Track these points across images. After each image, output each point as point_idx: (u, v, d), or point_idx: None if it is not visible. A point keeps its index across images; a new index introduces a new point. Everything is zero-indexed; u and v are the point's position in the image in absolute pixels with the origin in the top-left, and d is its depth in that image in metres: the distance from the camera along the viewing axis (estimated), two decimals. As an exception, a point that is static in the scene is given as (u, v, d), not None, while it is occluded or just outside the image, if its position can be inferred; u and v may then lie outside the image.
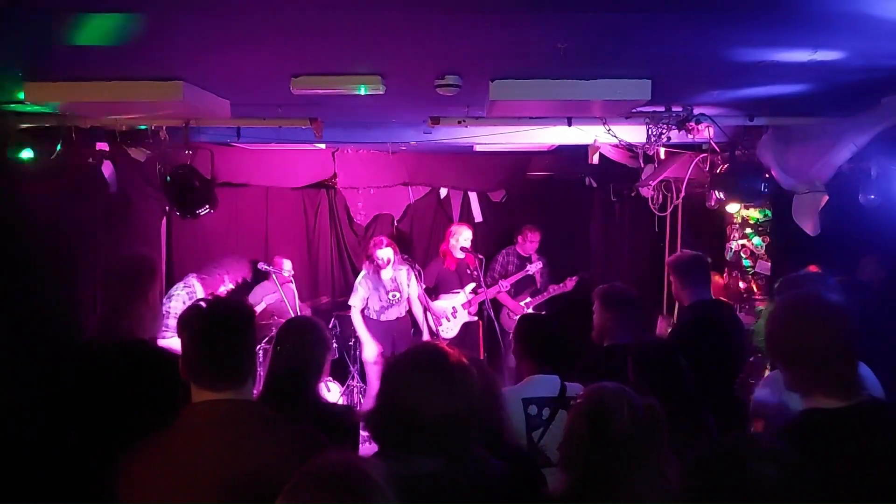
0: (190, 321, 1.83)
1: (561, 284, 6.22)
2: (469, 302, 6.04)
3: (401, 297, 5.73)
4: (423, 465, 1.62)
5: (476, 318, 6.15)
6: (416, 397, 1.63)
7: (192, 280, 5.10)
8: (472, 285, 6.01)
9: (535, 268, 6.21)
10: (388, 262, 5.62)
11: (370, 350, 5.67)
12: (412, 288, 5.77)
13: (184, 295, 4.89)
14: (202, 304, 1.87)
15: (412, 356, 1.76)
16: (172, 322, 4.20)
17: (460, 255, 5.93)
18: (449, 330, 6.00)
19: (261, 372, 3.44)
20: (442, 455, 1.64)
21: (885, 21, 2.27)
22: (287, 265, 6.07)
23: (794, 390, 1.92)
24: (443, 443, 1.64)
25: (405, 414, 1.64)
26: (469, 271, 6.01)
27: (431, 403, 1.62)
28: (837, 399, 1.83)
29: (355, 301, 5.72)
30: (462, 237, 5.94)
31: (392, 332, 5.73)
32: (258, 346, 5.33)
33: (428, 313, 5.89)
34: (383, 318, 5.73)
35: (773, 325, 1.94)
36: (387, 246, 5.71)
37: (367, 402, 5.75)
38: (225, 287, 5.26)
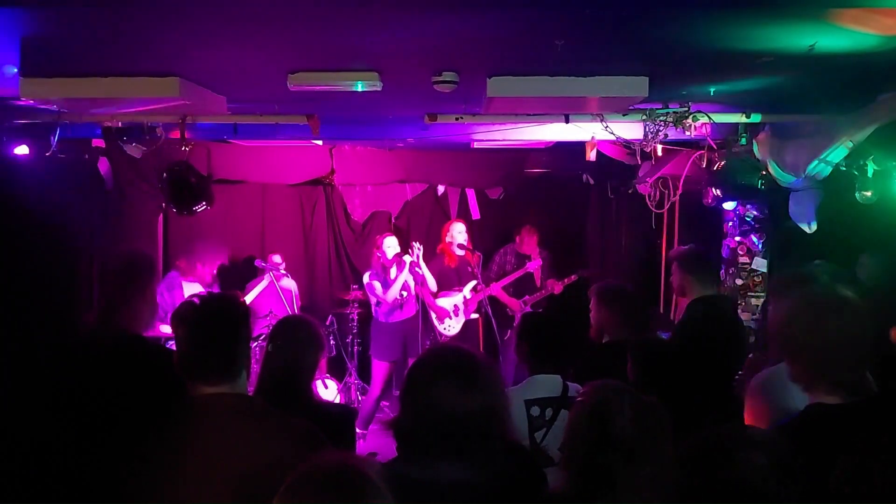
0: (184, 316, 1.83)
1: (554, 284, 6.24)
2: (470, 300, 6.04)
3: (409, 296, 5.68)
4: (449, 473, 1.59)
5: (476, 316, 6.15)
6: (448, 398, 1.59)
7: (173, 274, 5.12)
8: (472, 283, 6.01)
9: (533, 265, 6.21)
10: (395, 254, 5.56)
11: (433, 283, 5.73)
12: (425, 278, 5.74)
13: (163, 289, 4.91)
14: (195, 299, 1.87)
15: (438, 357, 1.72)
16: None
17: (459, 252, 5.92)
18: (451, 328, 6.00)
19: (256, 370, 3.44)
20: (469, 459, 1.60)
21: (881, 17, 2.27)
22: (276, 259, 6.06)
23: (799, 383, 1.92)
24: (472, 445, 1.60)
25: (436, 415, 1.59)
26: (470, 269, 6.01)
27: (463, 403, 1.59)
28: (841, 396, 1.83)
29: (390, 294, 5.55)
30: (455, 231, 5.92)
31: (402, 334, 5.64)
32: (255, 344, 5.38)
33: (430, 310, 5.89)
34: (392, 319, 5.66)
35: (787, 316, 1.93)
36: (390, 235, 5.72)
37: (366, 401, 5.72)
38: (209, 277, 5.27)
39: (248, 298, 5.71)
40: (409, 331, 5.67)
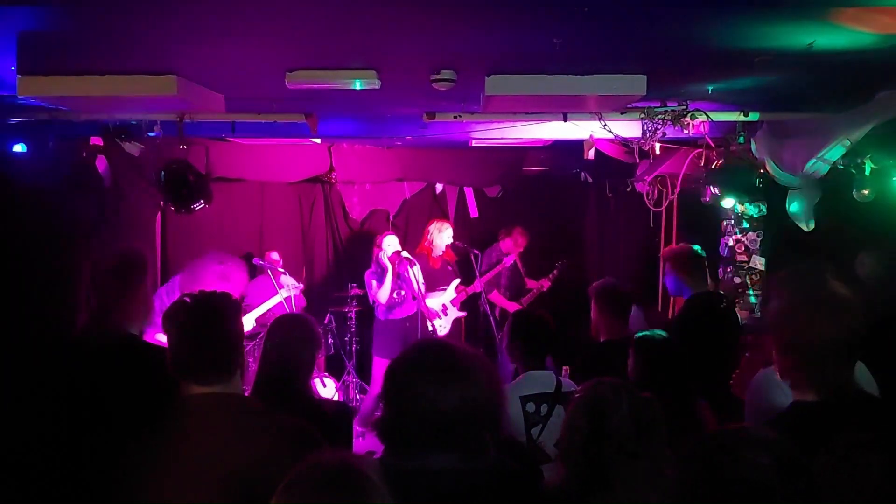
0: (175, 316, 1.83)
1: (540, 282, 6.25)
2: (455, 299, 6.05)
3: (406, 294, 5.67)
4: (437, 461, 1.58)
5: (464, 314, 6.16)
6: (428, 392, 1.59)
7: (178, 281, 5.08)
8: (456, 281, 6.02)
9: (510, 260, 6.23)
10: (395, 252, 5.56)
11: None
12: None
13: (163, 293, 4.86)
14: (187, 298, 1.87)
15: (417, 352, 1.71)
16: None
17: (440, 252, 5.93)
18: (442, 328, 6.00)
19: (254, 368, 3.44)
20: (457, 450, 1.60)
21: (879, 16, 2.27)
22: (273, 256, 6.04)
23: (787, 380, 1.93)
24: (458, 437, 1.60)
25: (418, 411, 1.59)
26: (450, 268, 6.02)
27: (444, 397, 1.58)
28: (826, 394, 1.83)
29: (382, 295, 5.54)
30: (446, 234, 5.93)
31: (403, 332, 5.62)
32: (253, 343, 5.36)
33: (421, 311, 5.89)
34: (391, 316, 5.65)
35: (782, 313, 1.93)
36: (390, 234, 5.72)
37: (367, 400, 5.71)
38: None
39: (260, 311, 5.65)
40: (409, 329, 5.66)
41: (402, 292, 5.65)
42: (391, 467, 1.53)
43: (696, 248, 3.74)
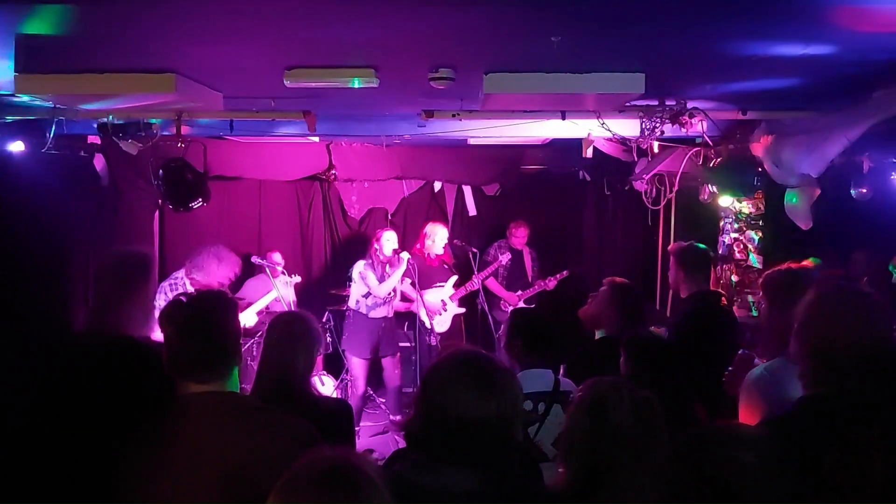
0: (172, 315, 1.83)
1: (546, 280, 6.26)
2: (454, 295, 6.05)
3: (393, 294, 5.69)
4: (456, 480, 1.55)
5: (464, 310, 6.16)
6: (463, 401, 1.56)
7: (180, 275, 5.06)
8: (454, 278, 6.02)
9: (506, 258, 6.23)
10: (393, 250, 5.55)
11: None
12: (404, 283, 5.76)
13: (167, 287, 4.84)
14: (183, 298, 1.87)
15: (456, 360, 1.68)
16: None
17: (440, 251, 5.93)
18: (441, 324, 5.99)
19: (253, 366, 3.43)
20: (481, 467, 1.57)
21: (875, 15, 2.28)
22: (276, 258, 6.04)
23: (804, 380, 1.90)
24: (484, 452, 1.57)
25: (450, 418, 1.56)
26: (447, 266, 6.02)
27: (478, 408, 1.56)
28: (841, 392, 1.81)
29: (383, 289, 5.52)
30: (438, 237, 5.93)
31: (378, 331, 5.61)
32: (252, 341, 5.36)
33: (421, 309, 5.89)
34: (372, 314, 5.62)
35: (812, 314, 1.89)
36: (389, 230, 5.72)
37: (352, 399, 5.71)
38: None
39: (257, 307, 5.63)
40: (385, 329, 5.66)
41: (391, 293, 5.64)
42: (405, 479, 1.51)
43: (702, 246, 3.74)
